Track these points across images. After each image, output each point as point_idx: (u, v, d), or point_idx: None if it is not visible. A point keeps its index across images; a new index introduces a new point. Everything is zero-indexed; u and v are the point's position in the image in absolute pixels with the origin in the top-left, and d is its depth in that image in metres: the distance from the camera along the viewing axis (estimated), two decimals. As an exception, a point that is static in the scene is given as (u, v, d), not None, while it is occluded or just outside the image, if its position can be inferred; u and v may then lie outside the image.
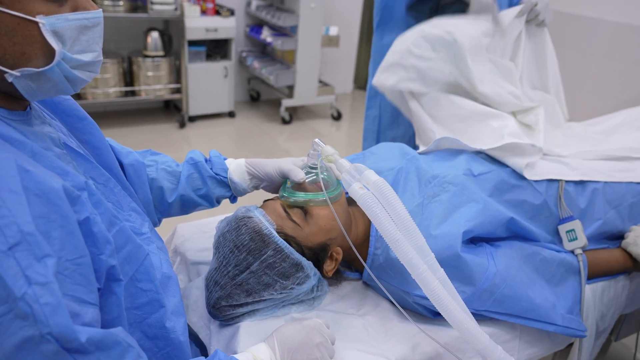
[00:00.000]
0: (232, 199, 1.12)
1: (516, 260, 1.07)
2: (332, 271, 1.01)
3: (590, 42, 4.23)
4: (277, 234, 0.93)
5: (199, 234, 1.27)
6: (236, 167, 1.07)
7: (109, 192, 0.81)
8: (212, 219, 1.35)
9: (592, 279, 1.23)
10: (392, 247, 0.85)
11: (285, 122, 4.09)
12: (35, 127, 0.69)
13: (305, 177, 0.99)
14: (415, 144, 1.65)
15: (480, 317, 1.03)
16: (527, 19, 1.54)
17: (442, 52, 1.41)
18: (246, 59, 4.20)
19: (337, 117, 4.32)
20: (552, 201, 1.23)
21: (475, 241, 1.09)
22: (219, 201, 1.10)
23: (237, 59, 4.27)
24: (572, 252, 1.20)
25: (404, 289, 1.01)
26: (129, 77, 3.66)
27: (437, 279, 0.86)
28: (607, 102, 4.27)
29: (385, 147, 1.30)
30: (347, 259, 1.10)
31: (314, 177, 1.00)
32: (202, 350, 1.01)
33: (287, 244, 0.93)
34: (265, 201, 1.04)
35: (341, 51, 4.79)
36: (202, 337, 1.00)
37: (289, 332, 0.84)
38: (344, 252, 1.03)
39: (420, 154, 1.26)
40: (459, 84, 1.45)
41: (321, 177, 0.98)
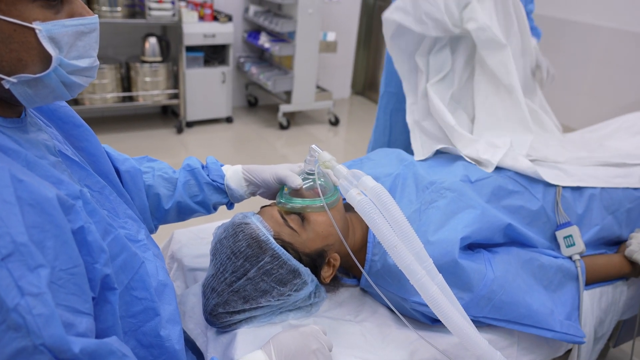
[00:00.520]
0: (229, 206, 1.11)
1: (514, 266, 1.07)
2: (329, 277, 1.01)
3: (587, 49, 4.25)
4: (274, 241, 0.92)
5: (196, 240, 1.26)
6: (233, 173, 1.07)
7: (105, 200, 0.80)
8: (209, 225, 1.34)
9: (590, 284, 1.23)
10: (390, 253, 0.85)
11: (283, 127, 4.09)
12: (30, 135, 0.69)
13: (302, 184, 0.99)
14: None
15: (478, 323, 1.02)
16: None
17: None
18: (244, 64, 4.21)
19: (335, 122, 4.33)
20: (550, 207, 1.24)
21: (472, 247, 1.09)
22: (215, 208, 1.10)
23: (235, 65, 4.28)
24: (570, 258, 1.20)
25: (401, 296, 1.01)
26: (126, 83, 3.66)
27: (435, 285, 0.85)
28: (604, 108, 4.29)
29: (382, 153, 1.30)
30: (345, 265, 1.10)
31: (311, 183, 1.00)
32: (199, 357, 1.00)
33: (285, 251, 0.92)
34: (262, 207, 1.03)
35: (339, 57, 4.80)
36: (199, 344, 1.00)
37: (286, 338, 0.83)
38: (342, 258, 1.03)
39: (417, 160, 1.26)
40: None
41: (318, 183, 0.98)
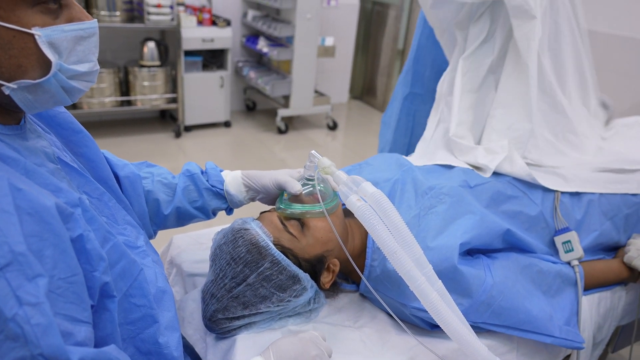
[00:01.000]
0: (228, 211, 1.11)
1: (513, 272, 1.07)
2: (329, 283, 1.01)
3: (583, 53, 4.27)
4: (274, 246, 0.92)
5: (195, 246, 1.26)
6: (232, 179, 1.07)
7: (104, 206, 0.80)
8: (208, 230, 1.34)
9: (589, 290, 1.23)
10: (390, 259, 0.85)
11: (281, 131, 4.09)
12: (29, 142, 0.68)
13: (302, 189, 0.99)
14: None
15: (477, 329, 1.02)
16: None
17: None
18: (242, 69, 4.21)
19: (333, 127, 4.33)
20: (548, 212, 1.24)
21: (472, 253, 1.09)
22: (215, 213, 1.10)
23: (233, 69, 4.29)
24: (569, 263, 1.21)
25: (401, 301, 1.01)
26: (125, 87, 3.66)
27: (435, 291, 0.85)
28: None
29: (381, 158, 1.31)
30: (344, 270, 1.10)
31: (311, 189, 1.00)
32: (198, 363, 1.00)
33: (284, 256, 0.92)
34: (261, 213, 1.03)
35: (337, 61, 4.81)
36: (198, 350, 0.99)
37: (285, 345, 0.83)
38: (341, 264, 1.03)
39: (416, 165, 1.26)
40: None
41: (318, 189, 0.98)
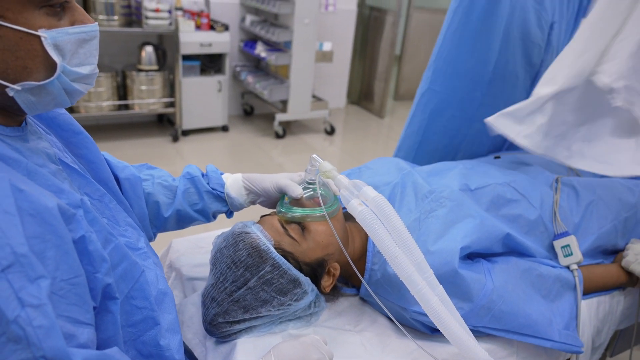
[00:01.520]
0: (229, 214, 1.11)
1: (513, 276, 1.07)
2: (329, 287, 1.01)
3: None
4: (274, 250, 0.92)
5: (194, 249, 1.26)
6: (233, 182, 1.07)
7: (104, 208, 0.80)
8: (207, 234, 1.34)
9: (588, 294, 1.23)
10: (391, 264, 0.85)
11: (278, 136, 4.10)
12: (31, 143, 0.68)
13: (303, 193, 0.99)
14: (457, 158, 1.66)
15: (478, 333, 1.02)
16: None
17: None
18: (240, 73, 4.22)
19: (331, 131, 4.34)
20: (547, 216, 1.24)
21: (472, 257, 1.09)
22: (215, 216, 1.10)
23: (231, 74, 4.29)
24: (568, 267, 1.21)
25: (401, 305, 1.01)
26: (122, 91, 3.66)
27: (436, 296, 0.85)
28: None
29: (381, 162, 1.31)
30: (345, 274, 1.10)
31: (312, 192, 1.00)
32: (198, 367, 0.99)
33: (285, 260, 0.92)
34: (262, 217, 1.03)
35: (335, 66, 4.83)
36: (197, 354, 0.99)
37: (287, 348, 0.83)
38: (341, 267, 1.03)
39: (415, 169, 1.26)
40: None
41: (319, 192, 0.98)
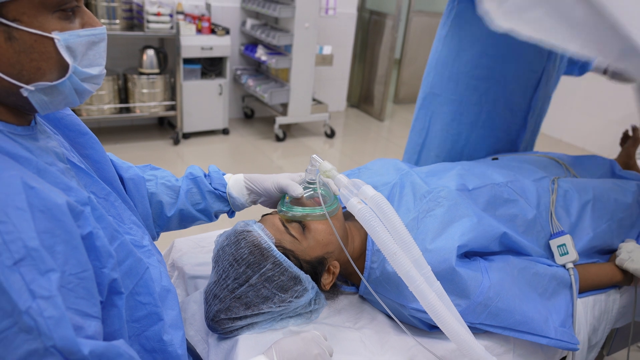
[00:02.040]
0: (230, 214, 1.13)
1: (509, 274, 1.09)
2: (329, 284, 1.03)
3: (577, 63, 4.32)
4: (275, 248, 0.94)
5: (196, 249, 1.27)
6: (235, 182, 1.09)
7: (110, 206, 0.82)
8: (209, 233, 1.36)
9: (584, 292, 1.25)
10: (390, 260, 0.87)
11: (279, 139, 4.12)
12: (40, 142, 0.70)
13: (303, 192, 1.01)
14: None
15: (475, 330, 1.04)
16: None
17: None
18: (241, 77, 4.24)
19: (331, 134, 4.36)
20: (544, 216, 1.26)
21: (469, 256, 1.11)
22: (217, 216, 1.12)
23: (232, 77, 4.32)
24: (564, 266, 1.23)
25: (400, 302, 1.02)
26: (123, 94, 3.68)
27: (433, 292, 0.87)
28: (596, 122, 4.36)
29: (380, 163, 1.33)
30: (344, 273, 1.12)
31: (312, 192, 1.02)
32: (200, 364, 1.01)
33: (286, 258, 0.94)
34: (263, 216, 1.05)
35: (335, 70, 4.86)
36: (199, 351, 1.00)
37: (288, 344, 0.85)
38: (341, 266, 1.05)
39: (414, 169, 1.28)
40: None
41: (319, 192, 1.00)
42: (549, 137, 4.76)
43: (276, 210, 1.05)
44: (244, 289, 0.92)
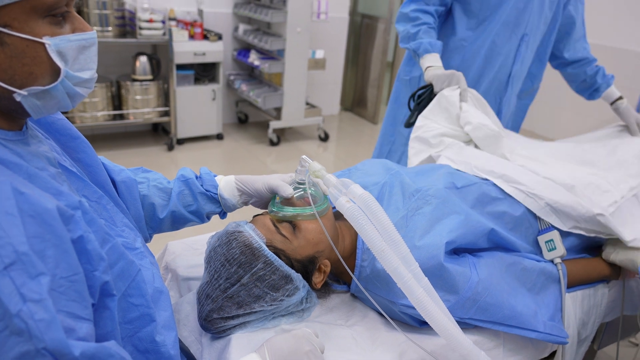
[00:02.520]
0: (222, 215, 1.14)
1: (498, 269, 1.11)
2: (320, 283, 1.04)
3: (568, 64, 4.36)
4: (266, 248, 0.95)
5: (189, 251, 1.29)
6: (226, 183, 1.10)
7: (102, 209, 0.83)
8: (202, 236, 1.37)
9: (572, 287, 1.27)
10: (378, 257, 0.88)
11: (273, 143, 4.13)
12: (31, 147, 0.71)
13: (293, 193, 1.03)
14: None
15: (464, 325, 1.06)
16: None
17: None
18: (234, 82, 4.26)
19: (325, 138, 4.38)
20: (532, 213, 1.28)
21: (458, 252, 1.13)
22: (209, 217, 1.13)
23: (225, 82, 4.34)
24: (552, 261, 1.25)
25: (390, 299, 1.04)
26: (117, 101, 3.69)
27: (421, 287, 0.89)
28: (588, 122, 4.39)
29: (369, 163, 1.35)
30: (335, 272, 1.13)
31: (302, 192, 1.03)
32: (194, 364, 1.02)
33: (277, 257, 0.95)
34: (254, 216, 1.07)
35: (327, 74, 4.88)
36: (193, 351, 1.01)
37: (279, 341, 0.86)
38: (332, 264, 1.06)
39: (403, 169, 1.30)
40: None
41: (309, 192, 1.01)
42: (542, 137, 4.80)
43: (267, 210, 1.06)
44: (235, 289, 0.94)
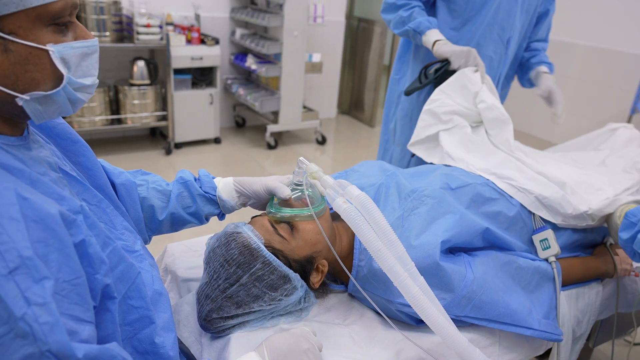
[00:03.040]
0: (221, 217, 1.16)
1: (493, 268, 1.12)
2: (318, 283, 1.05)
3: (563, 66, 4.40)
4: (265, 248, 0.97)
5: (188, 253, 1.30)
6: (224, 185, 1.12)
7: (102, 213, 0.84)
8: (201, 238, 1.38)
9: (567, 285, 1.29)
10: (375, 257, 0.90)
11: (270, 147, 4.15)
12: (33, 152, 0.73)
13: (291, 194, 1.04)
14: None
15: (460, 323, 1.07)
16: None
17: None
18: (231, 86, 4.28)
19: (322, 141, 4.40)
20: (526, 213, 1.30)
21: (453, 251, 1.15)
22: (208, 218, 1.14)
23: (223, 86, 4.35)
24: (547, 260, 1.26)
25: (387, 298, 1.05)
26: (115, 106, 3.70)
27: (417, 286, 0.90)
28: (582, 123, 4.42)
29: (366, 165, 1.37)
30: (333, 272, 1.15)
31: (300, 193, 1.05)
32: (193, 364, 1.03)
33: (275, 257, 0.97)
34: (253, 217, 1.08)
35: (324, 77, 4.90)
36: (194, 351, 1.02)
37: (278, 340, 0.87)
38: (329, 265, 1.08)
39: (399, 170, 1.32)
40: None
41: (306, 193, 1.03)
42: (537, 139, 4.82)
43: (265, 212, 1.08)
44: (234, 289, 0.95)
